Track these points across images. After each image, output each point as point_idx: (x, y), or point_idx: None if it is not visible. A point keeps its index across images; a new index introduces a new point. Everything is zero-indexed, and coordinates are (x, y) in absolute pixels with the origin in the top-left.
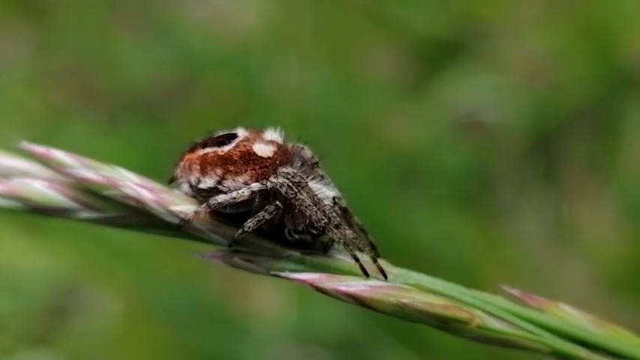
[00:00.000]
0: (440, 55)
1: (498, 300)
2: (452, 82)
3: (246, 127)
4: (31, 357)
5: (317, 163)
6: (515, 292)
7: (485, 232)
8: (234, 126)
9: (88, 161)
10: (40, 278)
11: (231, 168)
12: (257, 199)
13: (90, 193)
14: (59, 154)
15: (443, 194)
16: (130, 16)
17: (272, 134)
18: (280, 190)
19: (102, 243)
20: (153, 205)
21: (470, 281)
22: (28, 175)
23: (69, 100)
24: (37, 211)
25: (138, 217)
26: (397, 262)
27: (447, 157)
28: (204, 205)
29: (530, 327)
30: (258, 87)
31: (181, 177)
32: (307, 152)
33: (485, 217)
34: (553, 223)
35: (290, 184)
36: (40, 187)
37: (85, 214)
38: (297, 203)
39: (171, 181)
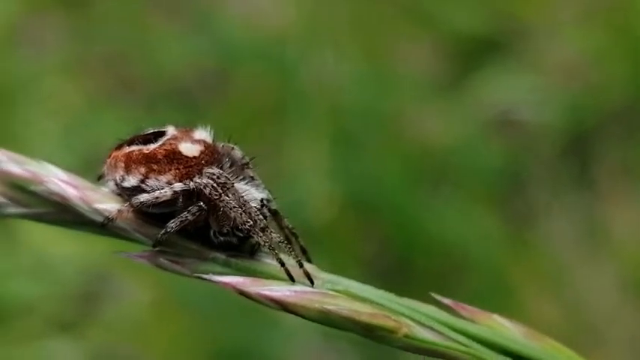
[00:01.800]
0: (477, 53)
1: (430, 309)
2: (488, 80)
3: (177, 126)
4: (61, 342)
5: (247, 163)
6: (447, 301)
7: (515, 233)
8: (164, 124)
9: (17, 156)
10: (71, 264)
11: (155, 167)
12: (180, 200)
13: (19, 189)
14: None
15: (474, 193)
16: (169, 5)
17: (201, 133)
18: (204, 190)
19: None
20: (77, 202)
21: (499, 281)
22: None
23: (106, 88)
24: None
25: (65, 214)
26: (425, 261)
27: (480, 155)
28: (127, 204)
29: (461, 338)
30: (293, 79)
31: (107, 175)
32: (237, 153)
33: (516, 218)
34: (585, 225)
35: (214, 184)
36: None
37: (12, 210)
38: (221, 205)
39: (99, 179)
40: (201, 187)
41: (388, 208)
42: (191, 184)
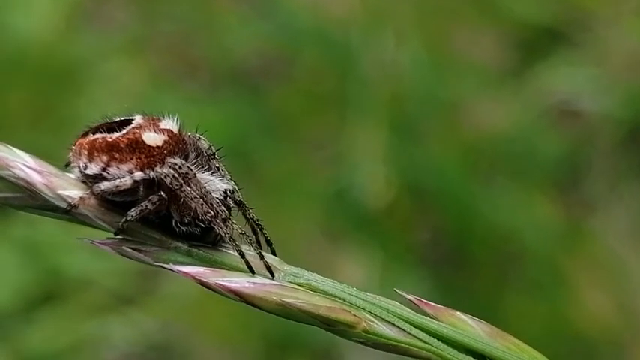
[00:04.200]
0: (539, 43)
1: (392, 305)
2: (549, 70)
3: (144, 115)
4: (119, 317)
5: (214, 154)
6: (410, 297)
7: (572, 223)
8: (132, 112)
9: None
10: None
11: (117, 155)
12: (142, 189)
13: None
14: None
15: (532, 182)
16: None
17: (168, 123)
18: (165, 180)
19: None
20: (42, 188)
21: (554, 271)
22: None
23: (170, 69)
24: None
25: (32, 200)
26: (480, 250)
27: (540, 145)
28: (89, 191)
29: (422, 334)
30: (355, 65)
31: (73, 162)
32: (204, 143)
33: (574, 208)
34: None
35: (175, 175)
36: None
37: None
38: (182, 195)
39: (66, 166)
40: (162, 176)
41: (444, 196)
42: (151, 173)
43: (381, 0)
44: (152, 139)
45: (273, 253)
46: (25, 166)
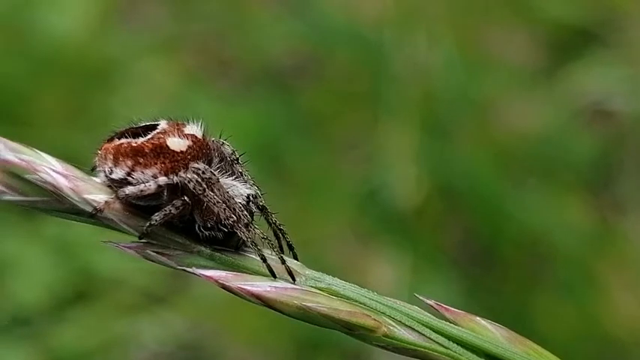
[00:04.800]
0: (571, 43)
1: (412, 310)
2: (582, 70)
3: (169, 119)
4: (150, 316)
5: (237, 159)
6: (431, 302)
7: (604, 224)
8: (157, 117)
9: (15, 144)
10: None
11: (142, 160)
12: (165, 193)
13: (14, 177)
14: None
15: (564, 183)
16: None
17: (192, 128)
18: (188, 185)
19: None
20: (68, 192)
21: (585, 272)
22: None
23: (202, 67)
24: None
25: (58, 203)
26: (511, 250)
27: (572, 145)
28: (113, 195)
29: (441, 339)
30: (387, 65)
31: (99, 166)
32: (227, 148)
33: (605, 209)
34: None
35: (199, 179)
36: None
37: (9, 197)
38: (205, 200)
39: (92, 170)
40: (186, 181)
41: (475, 197)
42: (175, 178)
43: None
44: (176, 144)
45: (295, 257)
46: (51, 169)
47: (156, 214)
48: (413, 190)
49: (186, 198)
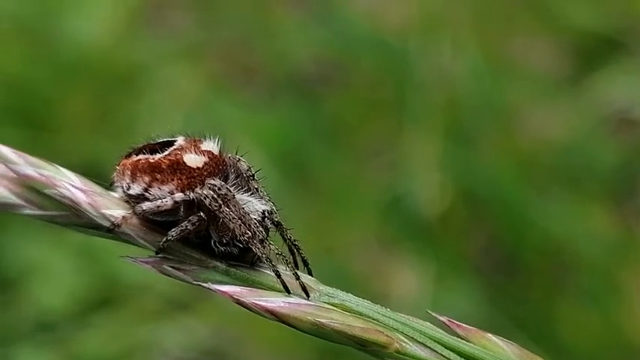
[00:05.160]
0: (597, 51)
1: (425, 326)
2: (606, 78)
3: (186, 136)
4: (173, 323)
5: (253, 175)
6: (443, 318)
7: (627, 233)
8: (175, 134)
9: (34, 160)
10: None
11: (159, 176)
12: (182, 209)
13: (34, 191)
14: (5, 150)
15: (588, 191)
16: None
17: (209, 144)
18: (204, 201)
19: None
20: (86, 206)
21: (608, 281)
22: None
23: (227, 74)
24: None
25: (77, 218)
26: (534, 258)
27: (596, 153)
28: (131, 211)
29: (453, 356)
30: (412, 73)
31: (117, 181)
32: (244, 164)
33: (629, 218)
34: None
35: (215, 195)
36: None
37: (29, 211)
38: (221, 216)
39: (110, 185)
40: (202, 197)
41: (499, 205)
42: (191, 194)
43: (438, 7)
44: (193, 160)
45: (310, 273)
46: (70, 185)
47: (172, 229)
48: (437, 197)
49: (202, 214)
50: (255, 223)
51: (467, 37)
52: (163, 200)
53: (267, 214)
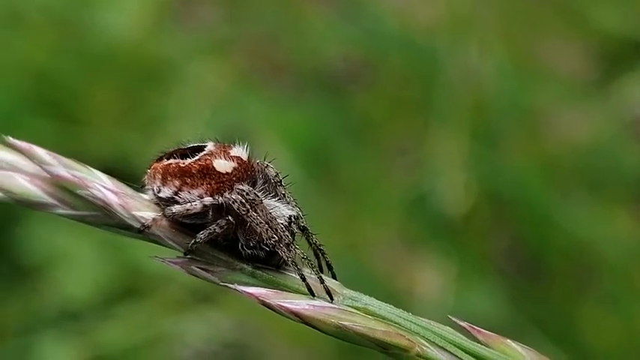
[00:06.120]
0: (625, 55)
1: (445, 330)
2: (634, 82)
3: (216, 141)
4: (196, 314)
5: (280, 181)
6: (463, 324)
7: None
8: (205, 139)
9: (67, 161)
10: None
11: (189, 180)
12: (210, 213)
13: (67, 191)
14: (40, 151)
15: (613, 194)
16: None
17: (238, 150)
18: (232, 206)
19: None
20: (117, 208)
21: (631, 284)
22: (16, 168)
23: (255, 70)
24: (18, 203)
25: (108, 218)
26: (558, 260)
27: (621, 157)
28: (161, 213)
29: None
30: (439, 72)
31: (147, 184)
32: (271, 170)
33: None
34: None
35: (243, 200)
36: (22, 181)
37: (61, 210)
38: (248, 220)
39: (142, 187)
40: (230, 202)
41: (523, 206)
42: (220, 199)
43: (466, 8)
44: (222, 165)
45: (334, 277)
46: (102, 186)
47: (201, 232)
48: (461, 197)
49: (230, 218)
50: (282, 228)
51: (494, 39)
52: (193, 204)
53: (293, 219)
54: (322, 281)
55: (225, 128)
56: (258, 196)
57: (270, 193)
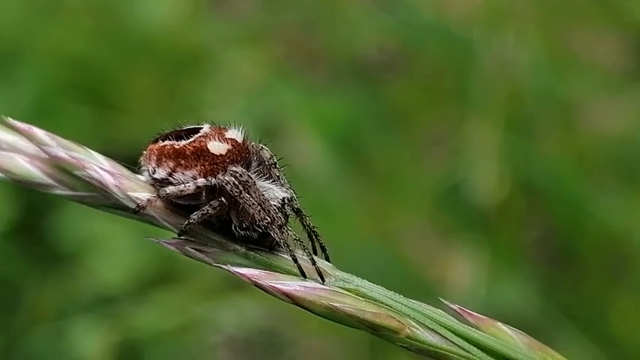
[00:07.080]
0: None
1: (436, 313)
2: None
3: (212, 124)
4: (229, 301)
5: (275, 163)
6: (454, 306)
7: None
8: (202, 122)
9: (65, 142)
10: None
11: (183, 162)
12: (204, 194)
13: (65, 172)
14: (39, 132)
15: None
16: None
17: (233, 132)
18: (225, 187)
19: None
20: (113, 188)
21: None
22: (16, 149)
23: (291, 58)
24: (17, 183)
25: (104, 199)
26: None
27: None
28: (155, 194)
29: (463, 343)
30: (475, 62)
31: (143, 165)
32: (266, 153)
33: None
34: None
35: (236, 182)
36: (21, 161)
37: (59, 191)
38: (241, 201)
39: (138, 168)
40: (223, 183)
41: (557, 196)
42: (213, 180)
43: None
44: (216, 147)
45: (327, 259)
46: (99, 167)
47: (194, 213)
48: (495, 187)
49: (223, 199)
50: (275, 210)
51: (530, 29)
52: (186, 185)
53: (286, 201)
54: (314, 263)
55: (261, 116)
56: (251, 178)
57: (264, 175)
